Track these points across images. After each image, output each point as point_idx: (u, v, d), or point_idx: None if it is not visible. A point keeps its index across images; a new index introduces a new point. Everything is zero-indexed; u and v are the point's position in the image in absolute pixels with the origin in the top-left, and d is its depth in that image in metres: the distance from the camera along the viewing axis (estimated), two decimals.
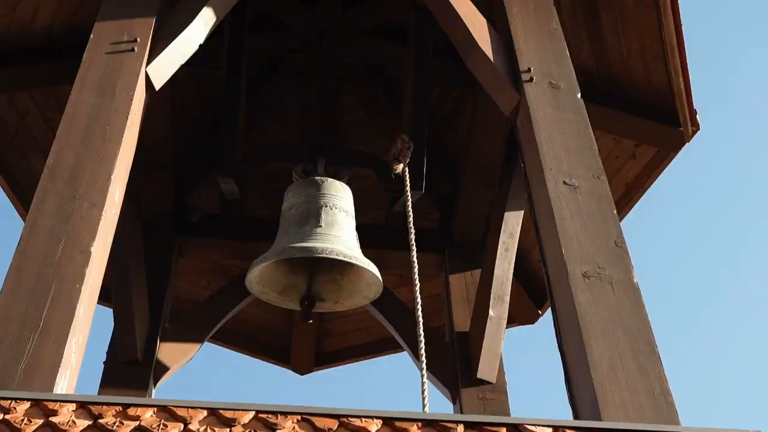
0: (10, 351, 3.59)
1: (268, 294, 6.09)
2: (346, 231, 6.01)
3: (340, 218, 6.06)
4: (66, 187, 4.26)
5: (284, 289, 6.12)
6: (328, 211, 6.02)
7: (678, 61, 6.62)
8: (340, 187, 6.23)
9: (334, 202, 6.11)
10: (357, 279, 6.09)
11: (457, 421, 3.36)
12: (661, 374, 3.80)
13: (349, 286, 6.14)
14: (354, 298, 6.17)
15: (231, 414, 3.30)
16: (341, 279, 6.15)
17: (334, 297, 6.18)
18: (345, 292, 6.15)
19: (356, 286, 6.11)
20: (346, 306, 6.25)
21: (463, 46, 5.48)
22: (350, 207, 6.23)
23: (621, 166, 7.22)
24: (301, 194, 6.15)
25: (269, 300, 6.12)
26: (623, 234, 4.40)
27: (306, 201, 6.09)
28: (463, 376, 6.52)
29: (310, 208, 6.03)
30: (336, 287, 6.16)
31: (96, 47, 5.03)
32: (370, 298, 6.15)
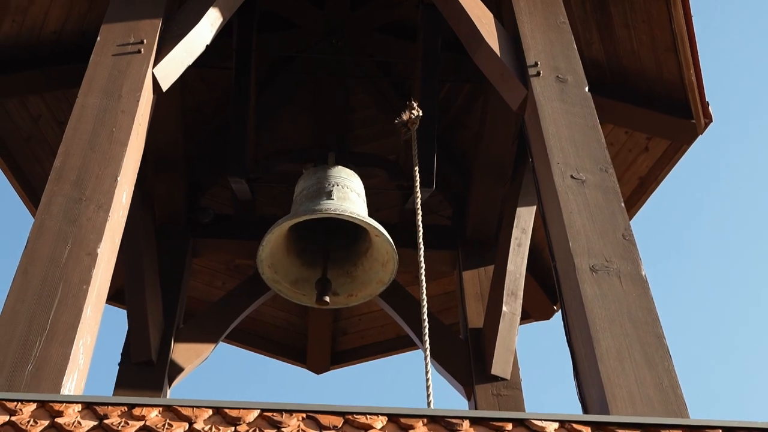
0: (17, 353, 3.61)
1: (280, 284, 6.08)
2: (358, 207, 6.00)
3: (352, 196, 6.05)
4: (73, 189, 4.28)
5: (296, 281, 6.11)
6: (339, 189, 6.02)
7: (689, 53, 6.58)
8: (350, 173, 6.24)
9: (345, 183, 6.11)
10: (370, 266, 6.05)
11: (462, 417, 3.34)
12: (669, 367, 3.78)
13: (363, 276, 6.12)
14: (368, 287, 6.14)
15: (236, 413, 3.30)
16: (354, 270, 6.14)
17: (348, 290, 6.16)
18: (359, 283, 6.13)
19: (370, 273, 6.08)
20: (360, 298, 6.22)
21: (470, 42, 5.47)
22: (361, 191, 6.23)
23: (634, 159, 7.19)
24: (312, 178, 6.15)
25: (281, 291, 6.11)
26: (631, 227, 4.37)
27: (317, 182, 6.09)
28: (477, 373, 6.50)
29: (321, 187, 6.03)
30: (349, 279, 6.15)
31: (102, 49, 5.06)
32: (384, 283, 6.08)
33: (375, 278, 6.07)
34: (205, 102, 7.75)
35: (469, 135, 7.72)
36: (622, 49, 6.74)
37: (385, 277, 6.03)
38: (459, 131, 7.86)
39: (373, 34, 7.59)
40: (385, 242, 5.81)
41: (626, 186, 7.27)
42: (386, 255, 5.92)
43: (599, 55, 6.80)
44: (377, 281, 6.08)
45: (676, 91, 6.73)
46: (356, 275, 6.13)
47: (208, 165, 7.52)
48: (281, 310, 8.42)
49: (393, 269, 5.97)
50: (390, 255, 5.90)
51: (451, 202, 7.69)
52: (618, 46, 6.74)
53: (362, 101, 8.05)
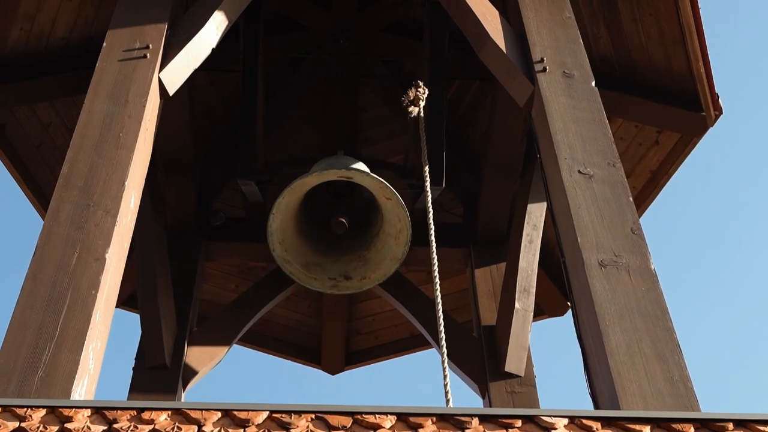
0: (27, 360, 3.63)
1: (291, 265, 6.08)
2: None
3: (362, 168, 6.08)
4: (80, 195, 4.30)
5: (308, 265, 6.11)
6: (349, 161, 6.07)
7: (697, 45, 6.56)
8: (359, 162, 6.26)
9: (355, 165, 6.14)
10: (383, 245, 6.06)
11: (471, 415, 3.33)
12: (679, 361, 3.76)
13: (375, 256, 6.12)
14: (382, 266, 6.13)
15: (245, 415, 3.30)
16: (367, 253, 6.15)
17: (360, 273, 6.17)
18: (372, 264, 6.13)
19: (383, 252, 6.09)
20: (374, 280, 6.21)
21: (476, 39, 5.46)
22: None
23: (645, 153, 7.17)
24: (322, 164, 6.19)
25: (291, 273, 6.10)
26: (639, 221, 4.36)
27: (326, 163, 6.14)
28: (491, 370, 6.49)
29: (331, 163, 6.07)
30: (362, 263, 6.16)
31: (108, 55, 5.07)
32: (398, 258, 6.06)
33: (388, 255, 6.05)
34: (215, 105, 7.76)
35: (478, 133, 7.71)
36: (630, 43, 6.73)
37: (399, 252, 6.00)
38: (469, 129, 7.85)
39: (380, 34, 7.59)
40: (397, 206, 5.79)
41: (637, 180, 7.25)
42: (399, 223, 5.90)
43: (607, 50, 6.78)
44: (391, 258, 6.06)
45: (685, 83, 6.71)
46: (368, 257, 6.13)
47: (218, 168, 7.53)
48: (295, 311, 8.43)
49: (406, 240, 5.94)
50: (403, 222, 5.87)
51: (462, 200, 7.68)
52: (626, 40, 6.72)
53: (371, 101, 8.05)
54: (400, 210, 5.80)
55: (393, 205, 5.81)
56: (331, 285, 6.27)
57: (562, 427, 3.32)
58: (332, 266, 6.27)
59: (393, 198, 5.76)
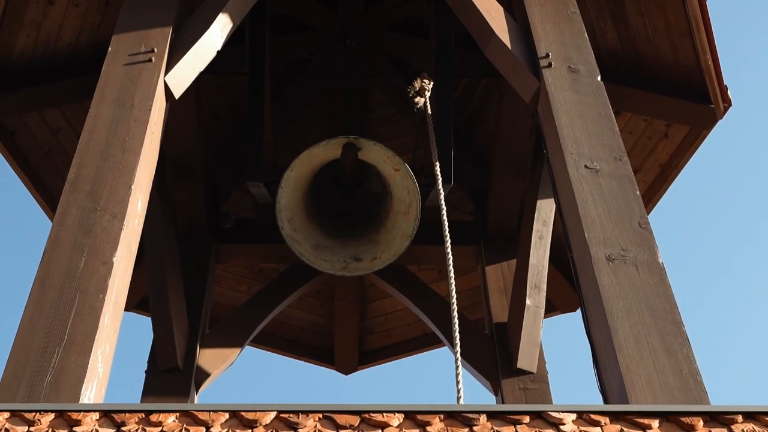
0: (35, 364, 3.65)
1: (300, 245, 6.06)
2: None
3: None
4: (87, 199, 4.31)
5: (317, 246, 6.10)
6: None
7: (705, 37, 6.52)
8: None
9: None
10: (393, 222, 6.03)
11: (479, 411, 3.33)
12: (688, 354, 3.75)
13: (385, 236, 6.10)
14: (392, 246, 6.11)
15: (252, 415, 3.31)
16: (376, 236, 6.13)
17: (371, 254, 6.16)
18: (382, 245, 6.12)
19: (393, 231, 6.07)
20: (384, 260, 6.18)
21: (481, 36, 5.45)
22: None
23: (654, 146, 7.14)
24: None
25: (301, 254, 6.09)
26: (647, 215, 4.34)
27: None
28: (503, 367, 6.49)
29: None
30: (371, 245, 6.15)
31: (114, 60, 5.09)
32: (408, 234, 6.01)
33: (398, 233, 6.03)
34: (223, 108, 7.78)
35: (487, 130, 7.70)
36: (637, 36, 6.70)
37: (409, 228, 5.97)
38: (477, 127, 7.84)
39: (386, 33, 7.59)
40: (406, 177, 5.76)
41: (647, 174, 7.23)
42: (408, 197, 5.87)
43: (614, 44, 6.76)
44: (401, 235, 6.04)
45: (693, 76, 6.68)
46: (378, 239, 6.11)
47: (228, 170, 7.55)
48: (307, 311, 8.43)
49: (416, 215, 5.92)
50: (412, 195, 5.84)
51: (472, 198, 7.68)
52: (633, 34, 6.70)
53: (379, 100, 8.05)
54: (408, 182, 5.76)
55: (402, 176, 5.78)
56: (341, 267, 6.22)
57: (570, 422, 3.31)
58: (342, 249, 6.24)
59: (401, 168, 5.73)
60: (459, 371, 4.60)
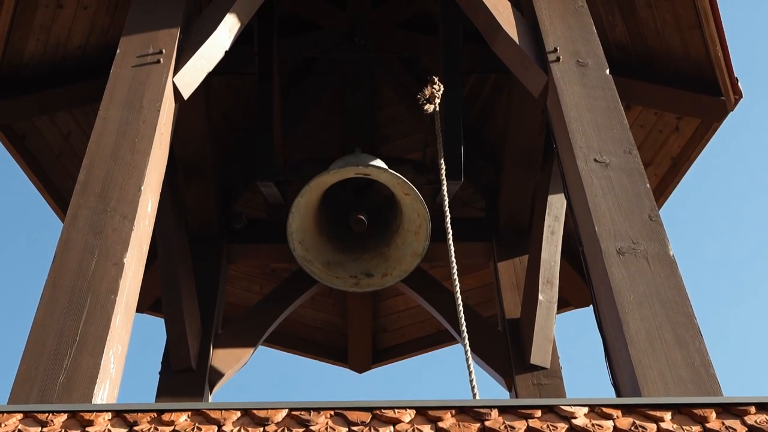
0: (48, 366, 3.66)
1: (312, 264, 6.09)
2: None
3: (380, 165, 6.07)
4: (97, 201, 4.32)
5: (329, 263, 6.12)
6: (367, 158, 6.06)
7: (714, 29, 6.50)
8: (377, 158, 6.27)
9: (372, 162, 6.14)
10: (403, 241, 6.05)
11: (491, 406, 3.32)
12: (700, 346, 3.74)
13: (396, 252, 6.12)
14: (403, 262, 6.13)
15: (264, 413, 3.31)
16: (387, 250, 6.15)
17: (382, 269, 6.17)
18: (393, 261, 6.13)
19: (403, 249, 6.09)
20: (395, 276, 6.21)
21: (488, 31, 5.45)
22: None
23: (665, 140, 7.12)
24: (339, 162, 6.19)
25: (313, 273, 6.11)
26: (657, 208, 4.33)
27: (344, 161, 6.14)
28: (517, 363, 6.47)
29: (349, 161, 6.07)
30: (383, 260, 6.16)
31: (122, 61, 5.10)
32: (419, 253, 6.05)
33: (409, 251, 6.05)
34: (232, 108, 7.79)
35: (497, 126, 7.69)
36: (646, 29, 6.68)
37: (419, 247, 5.99)
38: (487, 123, 7.83)
39: (395, 31, 7.59)
40: (416, 201, 5.78)
41: (659, 167, 7.20)
42: (418, 219, 5.89)
43: (623, 37, 6.74)
44: (411, 254, 6.06)
45: (703, 68, 6.65)
46: (389, 254, 6.13)
47: (238, 170, 7.56)
48: (320, 310, 8.44)
49: (426, 235, 5.94)
50: (422, 217, 5.86)
51: (484, 194, 7.67)
52: (642, 27, 6.67)
53: (388, 99, 8.05)
54: (418, 205, 5.79)
55: (411, 200, 5.81)
56: (353, 283, 6.27)
57: (582, 415, 3.30)
58: (353, 264, 6.28)
59: (411, 193, 5.76)
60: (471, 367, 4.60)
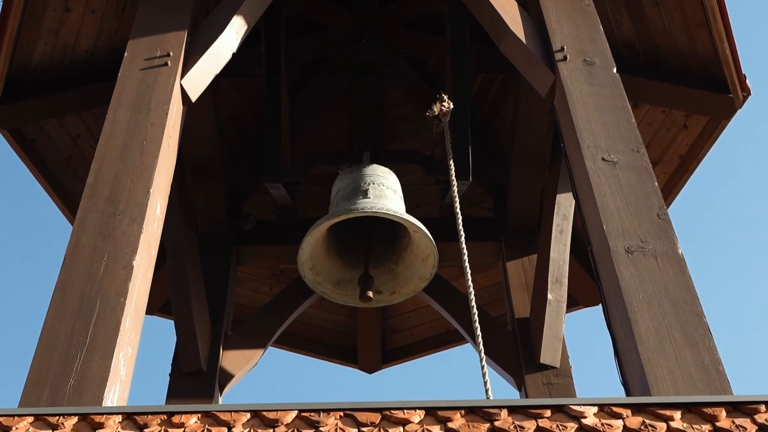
0: (58, 369, 3.67)
1: (323, 285, 6.10)
2: (394, 202, 6.00)
3: (389, 194, 6.05)
4: (106, 204, 4.34)
5: (338, 282, 6.13)
6: (375, 187, 6.03)
7: (722, 27, 6.48)
8: (386, 171, 6.25)
9: (381, 180, 6.12)
10: (411, 262, 6.05)
11: (500, 406, 3.33)
12: (710, 344, 3.73)
13: (404, 272, 6.11)
14: (411, 284, 6.13)
15: (274, 415, 3.32)
16: (396, 267, 6.14)
17: (390, 287, 6.16)
18: (401, 280, 6.13)
19: (411, 270, 6.08)
20: (403, 295, 6.21)
21: (495, 31, 5.45)
22: (397, 187, 6.22)
23: (673, 138, 7.11)
24: (347, 178, 6.18)
25: (324, 293, 6.13)
26: (665, 206, 4.33)
27: (353, 181, 6.11)
28: (526, 363, 6.47)
29: (357, 186, 6.05)
30: (391, 277, 6.15)
31: (130, 64, 5.12)
32: (426, 278, 6.07)
33: (416, 274, 6.07)
34: (241, 110, 7.80)
35: (505, 125, 7.69)
36: (653, 27, 6.67)
37: (427, 273, 6.02)
38: (495, 122, 7.83)
39: (402, 31, 7.60)
40: (424, 237, 5.80)
41: (667, 165, 7.19)
42: (426, 250, 5.91)
43: (631, 36, 6.73)
44: (419, 277, 6.07)
45: (711, 66, 6.63)
46: (398, 272, 6.13)
47: (247, 172, 7.57)
48: (329, 311, 8.44)
49: (434, 263, 5.96)
50: (430, 250, 5.88)
51: (492, 194, 7.67)
52: (649, 25, 6.66)
53: (396, 99, 8.05)
54: (426, 240, 5.82)
55: (420, 236, 5.83)
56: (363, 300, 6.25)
57: (591, 415, 3.30)
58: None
59: (419, 231, 5.78)
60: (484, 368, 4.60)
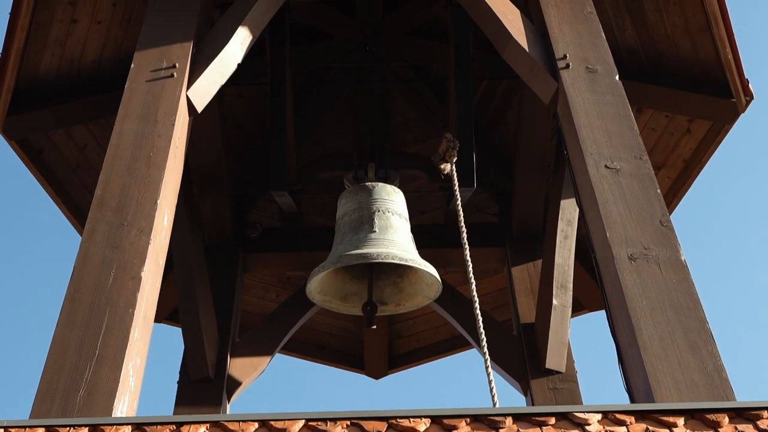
0: (68, 380, 3.71)
1: (331, 302, 6.16)
2: (400, 234, 6.04)
3: (394, 221, 6.09)
4: (114, 215, 4.38)
5: (346, 296, 6.18)
6: (381, 216, 6.07)
7: (724, 32, 6.52)
8: (391, 191, 6.27)
9: (386, 206, 6.16)
10: (416, 280, 6.12)
11: (505, 414, 3.37)
12: (713, 351, 3.76)
13: (409, 288, 6.17)
14: (415, 299, 6.20)
15: (281, 424, 3.36)
16: (401, 281, 6.19)
17: (395, 300, 6.22)
18: (405, 294, 6.18)
19: (416, 288, 6.14)
20: (407, 308, 6.27)
21: (498, 39, 5.49)
22: (403, 209, 6.25)
23: (677, 142, 7.15)
24: (353, 201, 6.21)
25: (332, 308, 6.19)
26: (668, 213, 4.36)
27: (358, 208, 6.14)
28: (532, 368, 6.51)
29: (363, 215, 6.08)
30: (396, 290, 6.20)
31: (136, 76, 5.16)
32: (431, 298, 6.17)
33: (421, 293, 6.14)
34: (247, 118, 7.85)
35: (509, 131, 7.74)
36: (656, 33, 6.71)
37: (431, 294, 6.10)
38: (500, 128, 7.87)
39: (406, 38, 7.64)
40: (428, 273, 5.87)
41: (671, 170, 7.23)
42: (430, 279, 5.99)
43: (633, 41, 6.77)
44: (423, 296, 6.15)
45: (713, 71, 6.67)
46: (403, 287, 6.18)
47: (253, 180, 7.62)
48: (336, 318, 8.48)
49: (437, 291, 6.05)
50: (434, 279, 5.96)
51: (497, 199, 7.70)
52: (652, 31, 6.70)
53: (401, 106, 8.09)
54: (431, 276, 5.90)
55: (424, 272, 5.89)
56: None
57: (595, 422, 3.34)
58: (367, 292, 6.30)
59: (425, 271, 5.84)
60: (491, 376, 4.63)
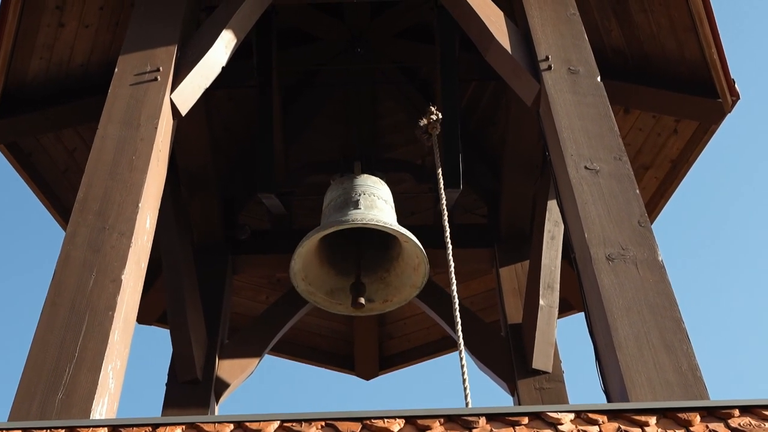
0: (47, 382, 3.74)
1: (316, 295, 6.17)
2: (385, 213, 6.06)
3: (379, 204, 6.11)
4: (96, 219, 4.41)
5: (332, 291, 6.19)
6: (366, 198, 6.09)
7: (709, 32, 6.54)
8: (377, 180, 6.31)
9: (371, 191, 6.18)
10: (402, 269, 6.11)
11: (478, 414, 3.39)
12: (688, 350, 3.79)
13: (395, 281, 6.18)
14: (402, 292, 6.19)
15: (257, 425, 3.38)
16: (387, 276, 6.20)
17: (382, 295, 6.22)
18: (393, 288, 6.19)
19: (402, 278, 6.14)
20: (395, 303, 6.27)
21: (481, 41, 5.52)
22: (389, 197, 6.27)
23: (664, 143, 7.17)
24: (338, 189, 6.24)
25: (317, 302, 6.20)
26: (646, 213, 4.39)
27: (344, 192, 6.18)
28: (519, 368, 6.53)
29: (348, 196, 6.11)
30: (383, 285, 6.21)
31: (120, 80, 5.19)
32: (418, 287, 6.14)
33: (408, 282, 6.13)
34: (235, 121, 7.88)
35: (497, 133, 7.76)
36: (641, 33, 6.73)
37: (418, 281, 6.08)
38: (487, 129, 7.89)
39: (394, 41, 7.67)
40: (415, 247, 5.87)
41: (658, 170, 7.25)
42: (416, 259, 5.98)
43: (619, 42, 6.79)
44: (410, 285, 6.13)
45: (699, 71, 6.69)
46: (389, 281, 6.19)
47: (242, 182, 7.64)
48: (326, 319, 8.50)
49: (424, 272, 6.02)
50: (420, 258, 5.95)
51: (485, 200, 7.72)
52: (637, 31, 6.72)
53: (389, 108, 8.12)
54: (417, 249, 5.89)
55: (410, 246, 5.90)
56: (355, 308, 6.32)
57: (568, 422, 3.36)
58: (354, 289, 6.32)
59: (409, 240, 5.84)
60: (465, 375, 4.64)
